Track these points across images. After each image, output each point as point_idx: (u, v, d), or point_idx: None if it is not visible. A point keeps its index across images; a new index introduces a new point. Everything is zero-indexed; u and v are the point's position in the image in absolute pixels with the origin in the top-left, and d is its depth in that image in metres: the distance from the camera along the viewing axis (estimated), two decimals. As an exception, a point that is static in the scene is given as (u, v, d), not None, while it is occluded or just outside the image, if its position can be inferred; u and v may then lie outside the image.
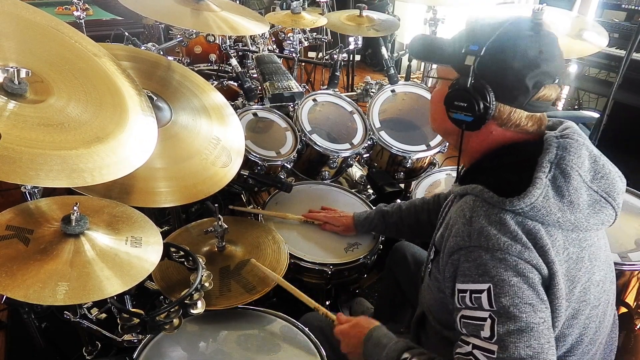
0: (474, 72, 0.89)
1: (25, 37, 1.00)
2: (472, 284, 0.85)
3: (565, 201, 0.85)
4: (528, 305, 0.81)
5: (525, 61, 0.86)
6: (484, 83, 0.88)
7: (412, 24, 4.65)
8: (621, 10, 3.27)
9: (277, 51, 2.99)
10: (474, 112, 0.90)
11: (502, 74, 0.88)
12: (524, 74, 0.86)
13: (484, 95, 0.88)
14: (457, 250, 0.88)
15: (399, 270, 1.58)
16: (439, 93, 0.99)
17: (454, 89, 0.92)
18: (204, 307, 1.09)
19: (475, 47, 0.88)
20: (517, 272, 0.82)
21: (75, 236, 0.95)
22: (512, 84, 0.88)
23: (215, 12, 1.72)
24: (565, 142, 0.89)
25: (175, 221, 1.76)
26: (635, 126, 2.98)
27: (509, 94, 0.89)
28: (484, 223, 0.85)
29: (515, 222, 0.84)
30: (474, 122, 0.91)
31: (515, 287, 0.81)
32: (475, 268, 0.84)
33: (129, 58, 1.45)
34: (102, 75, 1.10)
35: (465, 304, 0.86)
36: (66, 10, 3.10)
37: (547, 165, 0.86)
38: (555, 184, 0.86)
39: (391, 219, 1.52)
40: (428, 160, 2.15)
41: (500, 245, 0.82)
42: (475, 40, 0.89)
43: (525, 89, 0.87)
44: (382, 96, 2.22)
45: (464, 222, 0.88)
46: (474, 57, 0.88)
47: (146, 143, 1.06)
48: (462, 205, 0.91)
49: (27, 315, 1.33)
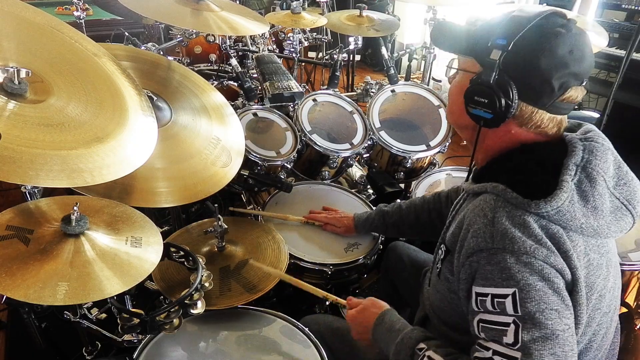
0: (498, 68, 0.84)
1: (25, 37, 1.00)
2: (494, 287, 0.81)
3: (589, 206, 0.82)
4: (554, 312, 0.78)
5: (553, 60, 0.82)
6: (508, 80, 0.84)
7: (412, 24, 4.65)
8: (621, 10, 3.27)
9: (277, 51, 2.99)
10: (494, 110, 0.86)
11: (528, 72, 0.83)
12: (552, 74, 0.82)
13: (507, 92, 0.84)
14: (477, 252, 0.84)
15: (395, 271, 1.58)
16: (459, 85, 0.95)
17: (476, 84, 0.88)
18: (204, 307, 1.09)
19: (503, 41, 0.83)
20: (542, 276, 0.79)
21: (75, 236, 0.95)
22: (537, 83, 0.84)
23: (215, 12, 1.72)
24: (591, 145, 0.86)
25: (175, 221, 1.76)
26: (635, 126, 2.98)
27: (533, 93, 0.85)
28: (507, 225, 0.81)
29: (538, 225, 0.81)
30: (493, 119, 0.87)
31: (542, 292, 0.78)
32: (499, 272, 0.80)
33: (129, 58, 1.45)
34: (102, 75, 1.10)
35: (485, 308, 0.82)
36: (66, 10, 3.10)
37: (574, 168, 0.83)
38: (581, 188, 0.82)
39: (391, 219, 1.51)
40: (428, 160, 2.15)
41: (527, 249, 0.79)
42: (503, 33, 0.84)
43: (551, 90, 0.83)
44: (382, 96, 2.22)
45: (485, 222, 0.84)
46: (501, 51, 0.83)
47: (146, 143, 1.06)
48: (482, 205, 0.87)
49: (27, 315, 1.33)
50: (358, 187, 2.28)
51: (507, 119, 0.87)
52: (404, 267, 1.53)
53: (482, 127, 0.91)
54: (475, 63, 0.91)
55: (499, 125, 0.88)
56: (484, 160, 0.98)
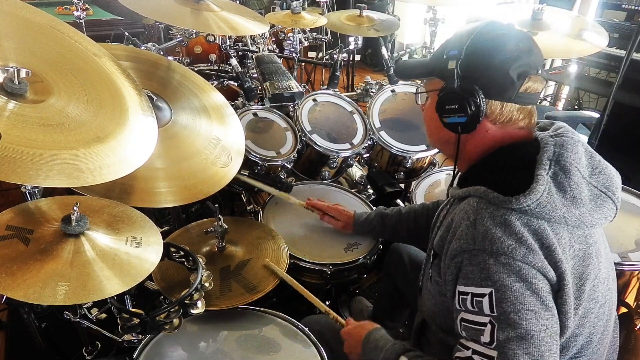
0: (458, 74, 0.92)
1: (25, 37, 1.00)
2: (474, 287, 0.84)
3: (567, 196, 0.86)
4: (530, 312, 0.80)
5: (505, 55, 0.90)
6: (470, 83, 0.91)
7: (412, 24, 4.65)
8: (621, 10, 3.27)
9: (277, 51, 2.99)
10: (466, 111, 0.92)
11: (486, 71, 0.91)
12: (507, 67, 0.89)
13: (473, 93, 0.91)
14: (460, 253, 0.88)
15: (396, 271, 1.58)
16: (430, 105, 1.03)
17: (443, 94, 0.95)
18: (204, 307, 1.09)
19: (455, 51, 0.93)
20: (520, 277, 0.81)
21: (75, 236, 0.95)
22: (497, 78, 0.90)
23: (215, 12, 1.72)
24: (561, 140, 0.91)
25: (175, 221, 1.76)
26: (635, 126, 2.97)
27: (497, 89, 0.91)
28: (488, 225, 0.85)
29: (521, 222, 0.83)
30: (468, 122, 0.93)
31: (517, 292, 0.80)
32: (479, 272, 0.84)
33: (129, 58, 1.45)
34: (102, 75, 1.10)
35: (466, 307, 0.86)
36: (66, 10, 3.10)
37: (547, 162, 0.87)
38: (557, 180, 0.86)
39: (390, 222, 1.51)
40: (428, 160, 2.15)
41: (505, 249, 0.82)
42: (453, 45, 0.94)
43: (511, 81, 0.90)
44: (382, 96, 2.22)
45: (467, 224, 0.88)
46: (455, 60, 0.92)
47: (146, 143, 1.06)
48: (466, 207, 0.91)
49: (27, 315, 1.33)
50: (358, 187, 2.28)
51: (481, 119, 0.93)
52: (405, 267, 1.54)
53: (461, 133, 0.96)
54: (438, 81, 0.99)
55: (475, 128, 0.94)
56: (466, 166, 1.03)
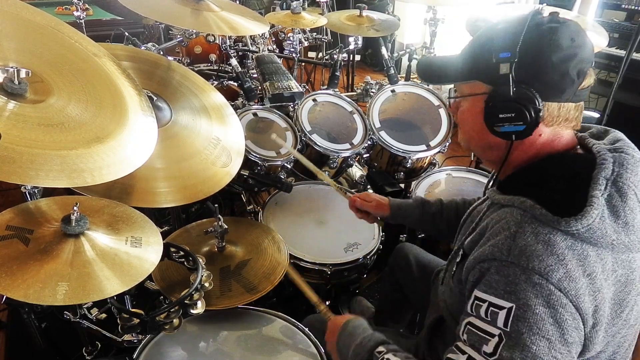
0: (513, 79, 0.83)
1: (25, 37, 1.00)
2: (494, 297, 0.80)
3: (620, 222, 0.79)
4: (544, 340, 0.75)
5: (562, 53, 0.81)
6: (526, 87, 0.83)
7: (412, 24, 4.65)
8: (621, 10, 3.27)
9: (277, 51, 2.99)
10: (525, 120, 0.84)
11: (544, 72, 0.83)
12: (567, 66, 0.82)
13: (531, 99, 0.83)
14: (490, 260, 0.83)
15: (401, 272, 1.57)
16: (471, 110, 0.93)
17: (495, 102, 0.87)
18: (204, 307, 1.09)
19: (507, 54, 0.83)
20: (547, 302, 0.76)
21: (75, 236, 0.95)
22: (557, 78, 0.83)
23: (215, 12, 1.72)
24: (621, 157, 0.82)
25: (175, 221, 1.76)
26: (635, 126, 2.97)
27: (556, 89, 0.84)
28: (530, 241, 0.79)
29: (565, 245, 0.77)
30: (526, 130, 0.86)
31: (539, 317, 0.75)
32: (505, 284, 0.79)
33: (129, 58, 1.45)
34: (102, 75, 1.10)
35: (478, 314, 0.82)
36: (66, 10, 3.10)
37: (604, 182, 0.80)
38: (611, 203, 0.79)
39: (430, 210, 1.42)
40: (428, 160, 2.15)
41: (541, 269, 0.76)
42: (502, 46, 0.84)
43: (571, 80, 0.83)
44: (382, 96, 2.22)
45: (507, 235, 0.82)
46: (509, 63, 0.83)
47: (146, 143, 1.06)
48: (507, 217, 0.85)
49: (27, 315, 1.33)
50: (358, 187, 2.28)
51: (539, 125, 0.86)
52: (410, 268, 1.52)
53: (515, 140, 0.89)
54: (481, 84, 0.90)
55: (532, 134, 0.87)
56: (509, 170, 0.95)
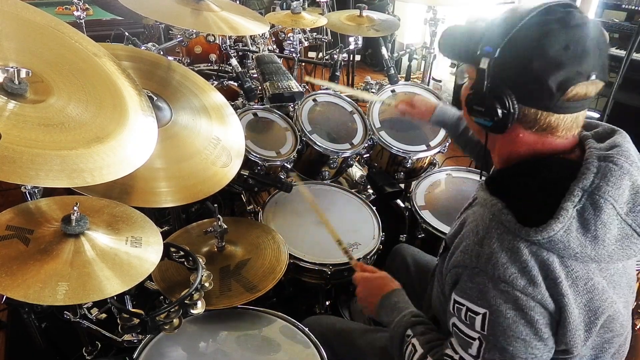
0: (489, 76, 0.81)
1: (25, 37, 1.00)
2: (470, 302, 0.83)
3: (589, 236, 0.77)
4: (519, 340, 0.79)
5: (545, 61, 0.75)
6: (502, 86, 0.80)
7: (412, 24, 4.65)
8: (621, 10, 3.27)
9: (277, 51, 2.99)
10: (492, 117, 0.82)
11: (521, 76, 0.79)
12: (546, 76, 0.75)
13: (502, 99, 0.80)
14: (462, 266, 0.85)
15: (399, 272, 1.56)
16: (464, 92, 0.92)
17: (472, 92, 0.86)
18: (204, 307, 1.09)
19: (489, 49, 0.80)
20: (516, 306, 0.78)
21: (75, 236, 0.95)
22: (532, 86, 0.78)
23: (215, 12, 1.72)
24: (607, 167, 0.78)
25: (175, 221, 1.76)
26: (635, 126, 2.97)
27: (532, 97, 0.79)
28: (495, 248, 0.80)
29: (529, 251, 0.78)
30: (495, 126, 0.84)
31: (510, 320, 0.78)
32: (477, 291, 0.82)
33: (129, 58, 1.45)
34: (102, 75, 1.10)
35: (460, 316, 0.85)
36: (66, 10, 3.10)
37: (579, 193, 0.77)
38: (583, 216, 0.77)
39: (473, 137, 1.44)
40: (428, 160, 2.15)
41: (506, 278, 0.78)
42: (489, 39, 0.80)
43: (549, 92, 0.76)
44: (382, 96, 2.22)
45: (475, 240, 0.83)
46: (488, 59, 0.80)
47: (146, 143, 1.06)
48: (477, 219, 0.86)
49: (27, 315, 1.33)
50: (358, 187, 2.28)
51: (510, 125, 0.82)
52: (408, 269, 1.52)
53: (489, 132, 0.88)
54: (472, 69, 0.87)
55: (504, 132, 0.84)
56: (499, 164, 0.94)
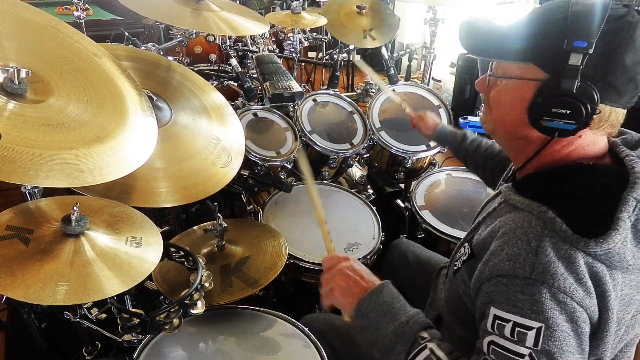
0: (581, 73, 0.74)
1: (25, 37, 1.00)
2: (519, 317, 0.76)
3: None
4: (570, 354, 0.75)
5: (636, 54, 0.73)
6: (590, 84, 0.74)
7: (412, 24, 4.65)
8: (621, 10, 3.26)
9: (277, 51, 2.99)
10: (579, 119, 0.76)
11: (611, 72, 0.74)
12: (636, 69, 0.73)
13: (592, 97, 0.74)
14: (510, 276, 0.77)
15: (398, 268, 1.56)
16: (513, 96, 0.84)
17: (551, 94, 0.77)
18: (204, 308, 1.09)
19: (583, 43, 0.72)
20: (572, 319, 0.75)
21: (75, 236, 0.95)
22: (622, 82, 0.74)
23: (215, 12, 1.72)
24: None
25: (175, 221, 1.76)
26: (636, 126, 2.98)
27: (617, 92, 0.75)
28: (551, 257, 0.75)
29: (584, 262, 0.74)
30: (575, 129, 0.78)
31: (566, 333, 0.75)
32: (530, 303, 0.75)
33: (129, 58, 1.45)
34: (102, 75, 1.10)
35: (502, 333, 0.78)
36: (66, 10, 3.10)
37: (633, 204, 0.74)
38: (637, 227, 0.75)
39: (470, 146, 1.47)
40: (428, 160, 2.15)
41: (566, 288, 0.73)
42: (579, 33, 0.73)
43: (635, 86, 0.75)
44: (382, 96, 2.22)
45: (527, 249, 0.77)
46: (582, 55, 0.73)
47: (146, 143, 1.06)
48: (524, 226, 0.79)
49: (27, 315, 1.33)
50: (358, 187, 2.28)
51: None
52: (408, 264, 1.51)
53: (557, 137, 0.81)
54: (536, 69, 0.80)
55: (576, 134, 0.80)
56: (532, 168, 0.89)
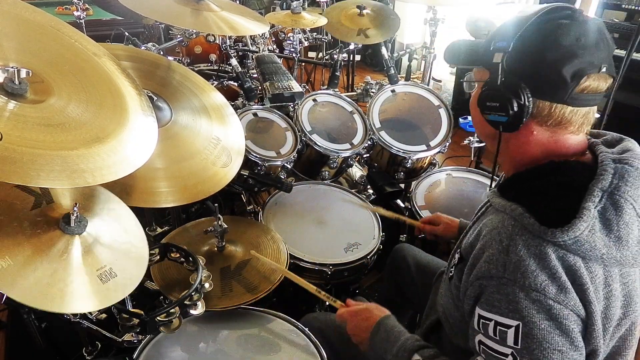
0: (503, 70, 0.84)
1: (25, 37, 1.00)
2: (499, 316, 0.79)
3: (612, 236, 0.77)
4: (556, 352, 0.76)
5: (559, 51, 0.79)
6: (516, 79, 0.83)
7: (412, 24, 4.65)
8: (621, 10, 3.28)
9: (277, 51, 2.99)
10: (507, 112, 0.84)
11: (536, 68, 0.82)
12: (560, 66, 0.79)
13: (517, 92, 0.82)
14: (487, 277, 0.82)
15: (399, 272, 1.57)
16: (475, 96, 0.94)
17: (485, 89, 0.88)
18: (204, 308, 1.09)
19: (503, 43, 0.83)
20: (550, 316, 0.76)
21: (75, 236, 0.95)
22: (547, 77, 0.81)
23: (215, 12, 1.72)
24: (623, 169, 0.80)
25: (175, 221, 1.76)
26: (635, 126, 2.97)
27: (547, 88, 0.82)
28: (522, 255, 0.78)
29: (556, 256, 0.77)
30: (510, 122, 0.85)
31: (545, 331, 0.76)
32: (507, 302, 0.78)
33: (129, 58, 1.45)
34: (102, 75, 1.10)
35: (487, 332, 0.81)
36: (66, 10, 3.10)
37: (599, 194, 0.77)
38: (605, 216, 0.77)
39: None
40: (428, 160, 2.15)
41: (537, 286, 0.76)
42: (502, 36, 0.84)
43: (564, 82, 0.80)
44: (382, 96, 2.22)
45: (500, 249, 0.81)
46: (502, 53, 0.83)
47: (146, 143, 1.06)
48: (499, 227, 0.84)
49: (27, 315, 1.33)
50: (358, 187, 2.28)
51: (525, 119, 0.84)
52: (409, 269, 1.52)
53: (503, 131, 0.88)
54: (484, 71, 0.91)
55: (518, 128, 0.86)
56: (510, 168, 0.95)
